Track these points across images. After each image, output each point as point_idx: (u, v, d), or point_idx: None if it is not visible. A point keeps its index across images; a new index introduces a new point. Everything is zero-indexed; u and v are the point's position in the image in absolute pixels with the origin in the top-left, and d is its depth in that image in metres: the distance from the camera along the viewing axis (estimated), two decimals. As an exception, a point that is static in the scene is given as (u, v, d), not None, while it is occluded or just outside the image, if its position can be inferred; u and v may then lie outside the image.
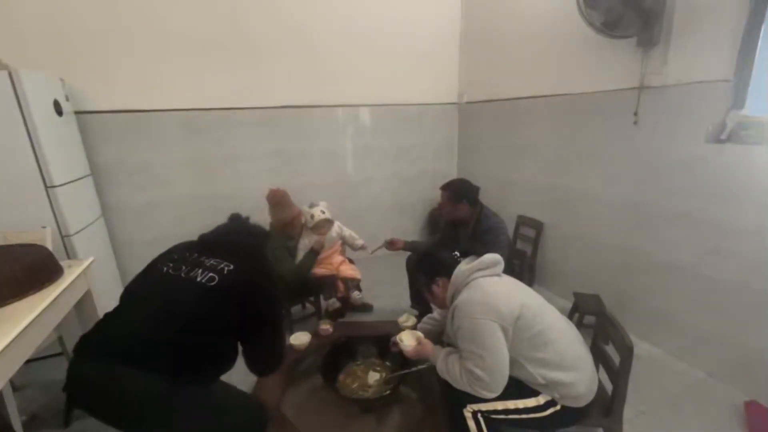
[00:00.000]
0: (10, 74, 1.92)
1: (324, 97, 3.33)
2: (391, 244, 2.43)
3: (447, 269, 1.43)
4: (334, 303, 2.46)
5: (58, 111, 2.27)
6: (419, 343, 1.60)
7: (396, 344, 1.70)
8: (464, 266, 1.40)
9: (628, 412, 1.45)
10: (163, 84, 2.81)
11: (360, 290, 2.62)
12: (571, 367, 1.29)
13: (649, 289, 2.30)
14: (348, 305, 2.62)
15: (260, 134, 3.19)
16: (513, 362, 1.27)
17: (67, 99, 2.42)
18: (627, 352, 1.27)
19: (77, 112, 2.54)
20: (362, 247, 2.55)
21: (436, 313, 1.84)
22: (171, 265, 1.29)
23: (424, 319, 1.86)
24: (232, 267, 1.27)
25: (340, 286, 2.44)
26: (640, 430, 1.66)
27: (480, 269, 1.38)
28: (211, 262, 1.28)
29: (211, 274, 1.24)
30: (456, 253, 1.48)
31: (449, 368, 1.36)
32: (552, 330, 1.31)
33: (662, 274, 2.22)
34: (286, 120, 3.25)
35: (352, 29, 3.29)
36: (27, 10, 2.37)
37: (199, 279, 1.23)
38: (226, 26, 2.88)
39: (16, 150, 2.01)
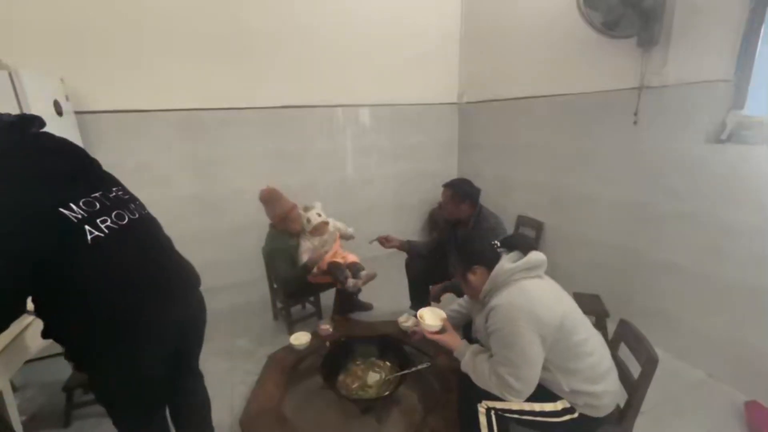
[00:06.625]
0: (10, 74, 1.92)
1: (324, 97, 3.33)
2: (386, 240, 2.42)
3: (487, 259, 1.36)
4: (357, 281, 2.31)
5: (58, 111, 2.27)
6: (444, 327, 1.53)
7: (416, 332, 1.65)
8: (508, 264, 1.31)
9: (628, 412, 1.45)
10: (163, 84, 2.81)
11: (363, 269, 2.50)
12: (600, 380, 1.26)
13: (649, 289, 2.30)
14: (353, 305, 2.65)
15: (260, 134, 3.19)
16: (543, 368, 1.24)
17: (67, 99, 2.42)
18: (651, 365, 1.23)
19: (77, 112, 2.54)
20: (352, 236, 2.59)
21: (462, 301, 1.77)
22: (99, 223, 1.04)
23: (450, 308, 1.78)
24: (127, 190, 1.24)
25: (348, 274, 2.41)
26: (640, 430, 1.65)
27: (525, 269, 1.30)
28: (115, 191, 1.17)
29: (137, 202, 1.23)
30: (496, 243, 1.42)
31: (477, 368, 1.33)
32: (589, 342, 1.27)
33: (662, 274, 2.22)
34: (286, 120, 3.25)
35: (352, 29, 3.29)
36: (27, 10, 2.37)
37: (142, 212, 1.21)
38: (226, 26, 2.88)
39: (16, 150, 2.00)
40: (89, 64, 2.58)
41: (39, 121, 1.14)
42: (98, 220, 1.03)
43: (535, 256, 1.33)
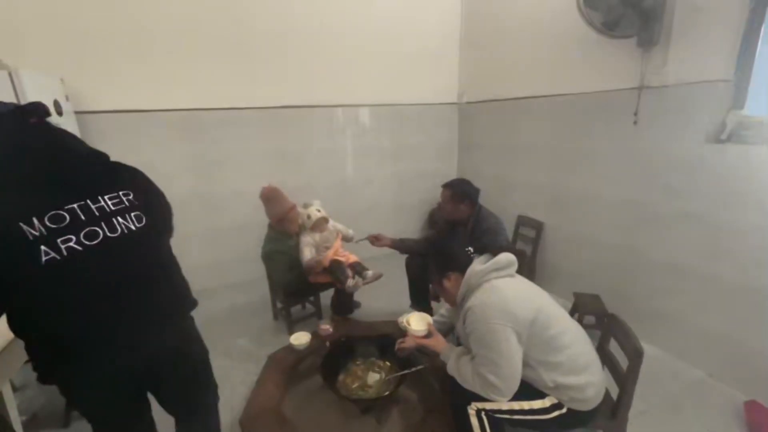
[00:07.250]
0: (10, 74, 1.91)
1: (324, 97, 3.33)
2: (376, 239, 2.40)
3: (460, 265, 1.41)
4: (358, 282, 2.34)
5: (58, 111, 2.27)
6: (430, 331, 1.57)
7: (402, 349, 1.67)
8: (479, 266, 1.37)
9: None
10: (163, 84, 2.81)
11: (367, 269, 2.49)
12: (582, 372, 1.28)
13: (649, 289, 2.30)
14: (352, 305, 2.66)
15: (260, 134, 3.19)
16: (524, 365, 1.26)
17: (67, 99, 2.42)
18: (637, 357, 1.25)
19: (77, 112, 2.54)
20: (352, 237, 2.60)
21: (443, 310, 1.82)
22: (60, 243, 0.92)
23: (434, 317, 1.85)
24: (131, 193, 1.10)
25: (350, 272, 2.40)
26: (640, 430, 1.65)
27: (495, 270, 1.35)
28: (108, 199, 1.03)
29: (134, 212, 1.06)
30: (470, 248, 1.46)
31: (461, 370, 1.35)
32: (566, 334, 1.30)
33: (662, 274, 2.22)
34: (286, 120, 3.25)
35: (353, 29, 3.29)
36: (27, 10, 2.37)
37: (131, 226, 1.03)
38: (226, 26, 2.88)
39: (16, 150, 2.00)
40: (89, 64, 2.58)
41: (41, 110, 1.01)
42: (59, 240, 0.91)
43: (504, 256, 1.39)
